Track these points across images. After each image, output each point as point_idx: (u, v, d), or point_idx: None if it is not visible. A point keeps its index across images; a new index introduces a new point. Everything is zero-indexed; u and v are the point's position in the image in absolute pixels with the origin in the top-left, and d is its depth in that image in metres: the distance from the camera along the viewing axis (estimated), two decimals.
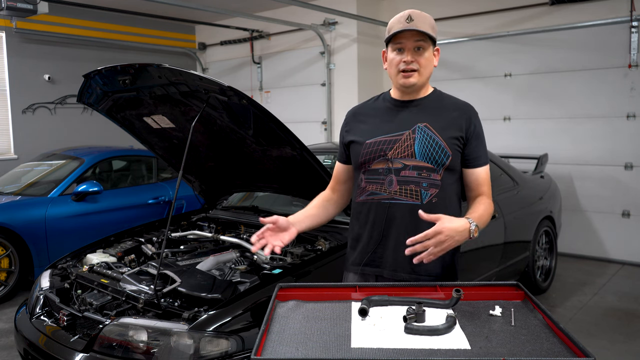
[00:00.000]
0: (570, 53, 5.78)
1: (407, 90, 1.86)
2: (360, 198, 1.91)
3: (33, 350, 2.54)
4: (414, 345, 1.30)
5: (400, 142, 1.82)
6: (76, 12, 7.41)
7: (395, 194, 1.81)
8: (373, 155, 1.85)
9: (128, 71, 2.69)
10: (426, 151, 1.79)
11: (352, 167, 1.99)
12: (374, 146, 1.85)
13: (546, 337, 1.32)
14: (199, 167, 3.45)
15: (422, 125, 1.82)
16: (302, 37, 7.74)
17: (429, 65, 1.83)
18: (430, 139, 1.80)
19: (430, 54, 1.82)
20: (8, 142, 7.27)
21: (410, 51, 1.80)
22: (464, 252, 3.37)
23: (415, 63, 1.80)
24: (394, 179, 1.81)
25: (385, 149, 1.83)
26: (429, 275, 1.82)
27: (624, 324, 4.00)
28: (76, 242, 3.99)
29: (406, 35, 1.78)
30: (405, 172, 1.81)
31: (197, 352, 2.12)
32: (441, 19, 6.69)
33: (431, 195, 1.80)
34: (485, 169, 1.89)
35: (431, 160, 1.79)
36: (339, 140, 2.06)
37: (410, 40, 1.79)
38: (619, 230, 5.68)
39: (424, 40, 1.79)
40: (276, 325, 1.42)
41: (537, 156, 5.31)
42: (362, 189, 1.89)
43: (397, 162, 1.81)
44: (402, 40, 1.80)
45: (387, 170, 1.82)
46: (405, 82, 1.82)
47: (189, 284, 2.51)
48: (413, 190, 1.80)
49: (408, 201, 1.80)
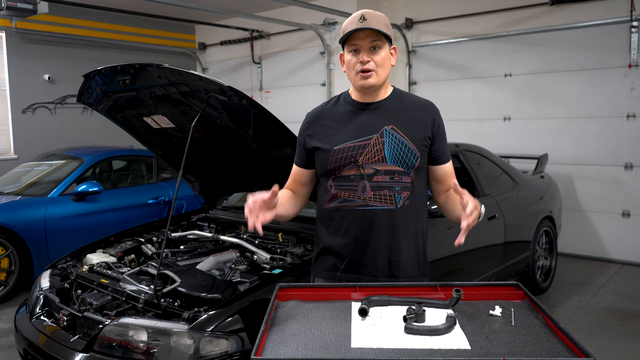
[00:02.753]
0: (570, 53, 5.78)
1: (367, 91, 1.83)
2: (331, 205, 1.87)
3: (33, 350, 2.54)
4: (414, 345, 1.30)
5: (370, 147, 1.80)
6: (76, 12, 7.41)
7: (370, 200, 1.80)
8: (343, 162, 1.81)
9: (128, 71, 2.69)
10: (396, 154, 1.78)
11: (314, 172, 1.94)
12: (343, 152, 1.81)
13: (546, 337, 1.32)
14: (199, 167, 3.45)
15: (389, 128, 1.80)
16: (302, 37, 7.74)
17: (386, 64, 1.81)
18: (399, 142, 1.79)
19: (386, 52, 1.80)
20: (8, 142, 7.27)
21: (366, 51, 1.77)
22: (465, 252, 3.40)
23: (371, 63, 1.77)
24: (367, 185, 1.79)
25: (355, 154, 1.80)
26: (408, 277, 1.83)
27: (624, 324, 4.00)
28: (76, 242, 3.99)
29: (360, 35, 1.76)
30: (378, 177, 1.79)
31: (197, 352, 2.12)
32: (441, 19, 6.69)
33: (404, 198, 1.80)
34: (451, 164, 1.92)
35: (402, 163, 1.78)
36: (297, 142, 1.99)
37: (365, 41, 1.76)
38: (619, 230, 5.68)
39: (379, 40, 1.77)
40: (276, 325, 1.42)
41: (537, 156, 5.31)
42: (333, 195, 1.85)
43: (368, 167, 1.79)
44: (356, 41, 1.77)
45: (359, 176, 1.80)
46: (364, 84, 1.79)
47: (189, 284, 2.51)
48: (387, 195, 1.79)
49: (383, 206, 1.79)
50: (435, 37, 6.72)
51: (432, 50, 6.87)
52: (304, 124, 1.95)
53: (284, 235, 3.06)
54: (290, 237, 3.05)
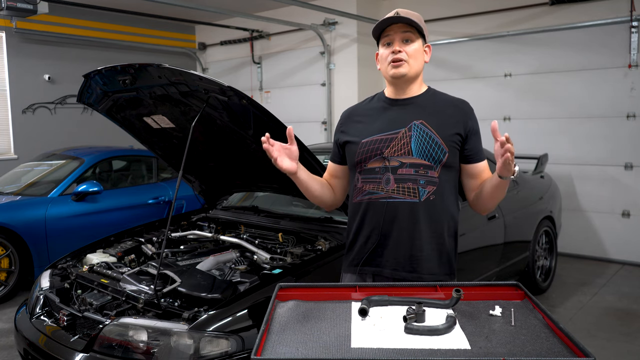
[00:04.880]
0: (570, 53, 5.78)
1: (398, 83, 1.85)
2: (357, 198, 1.90)
3: (33, 350, 2.54)
4: (414, 345, 1.30)
5: (397, 140, 1.81)
6: (76, 12, 7.41)
7: (393, 193, 1.81)
8: (369, 154, 1.84)
9: (128, 71, 2.69)
10: (423, 148, 1.79)
11: (347, 167, 1.98)
12: (370, 145, 1.84)
13: (546, 337, 1.32)
14: (199, 167, 3.45)
15: (418, 123, 1.81)
16: (302, 37, 7.74)
17: (418, 56, 1.85)
18: (426, 136, 1.79)
19: (419, 46, 1.85)
20: (8, 142, 7.27)
21: (399, 42, 1.82)
22: (465, 252, 3.40)
23: (403, 53, 1.81)
24: (391, 177, 1.81)
25: (382, 147, 1.82)
26: (430, 274, 1.82)
27: (624, 324, 4.00)
28: (76, 242, 3.99)
29: (393, 28, 1.82)
30: (402, 170, 1.80)
31: (197, 352, 2.12)
32: (441, 19, 6.69)
33: (429, 193, 1.79)
34: (485, 162, 1.90)
35: (428, 157, 1.79)
36: (333, 140, 2.05)
37: (398, 33, 1.82)
38: (619, 230, 5.68)
39: (412, 32, 1.82)
40: (276, 325, 1.42)
41: (537, 156, 5.30)
42: (359, 189, 1.88)
43: (394, 160, 1.80)
44: (389, 33, 1.83)
45: (384, 168, 1.81)
46: (395, 73, 1.82)
47: (189, 284, 2.51)
48: (410, 188, 1.79)
49: (406, 199, 1.80)
50: (435, 37, 6.71)
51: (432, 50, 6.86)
52: (338, 123, 2.03)
53: (284, 235, 3.06)
54: (290, 237, 3.05)
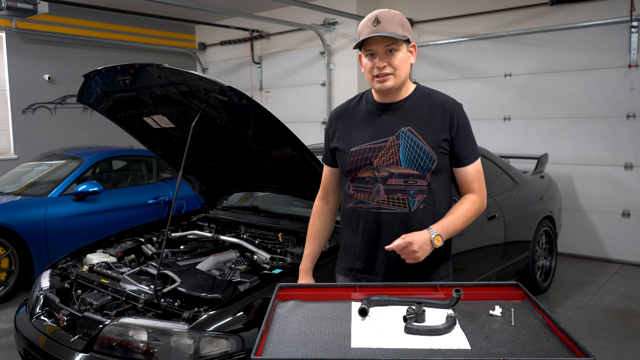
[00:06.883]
0: (570, 53, 5.77)
1: (386, 93, 1.81)
2: (349, 205, 1.89)
3: (33, 350, 2.54)
4: (414, 345, 1.30)
5: (385, 149, 1.79)
6: (76, 12, 7.41)
7: (384, 203, 1.79)
8: (359, 164, 1.82)
9: (128, 71, 2.69)
10: (411, 157, 1.76)
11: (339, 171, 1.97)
12: (359, 154, 1.82)
13: (546, 337, 1.32)
14: (199, 167, 3.45)
15: (405, 130, 1.78)
16: (302, 37, 7.74)
17: (404, 66, 1.77)
18: (414, 144, 1.76)
19: (403, 54, 1.76)
20: (8, 142, 7.27)
21: (382, 55, 1.74)
22: (465, 251, 3.40)
23: (388, 67, 1.74)
24: (381, 188, 1.79)
25: (371, 156, 1.80)
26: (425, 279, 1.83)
27: (624, 324, 3.99)
28: (76, 242, 3.99)
29: (375, 40, 1.72)
30: (392, 181, 1.78)
31: (197, 352, 2.12)
32: (441, 19, 6.69)
33: (419, 202, 1.78)
34: (474, 166, 1.83)
35: (416, 166, 1.76)
36: (324, 140, 2.02)
37: (381, 45, 1.73)
38: (619, 230, 5.68)
39: (395, 43, 1.73)
40: (276, 325, 1.42)
41: (537, 156, 5.31)
42: (350, 196, 1.87)
43: (383, 170, 1.78)
44: (371, 46, 1.74)
45: (374, 179, 1.80)
46: (382, 87, 1.77)
47: (189, 284, 2.51)
48: (400, 198, 1.78)
49: (396, 210, 1.79)
50: (436, 37, 6.72)
51: (432, 50, 6.87)
52: (327, 124, 2.00)
53: (284, 235, 3.06)
54: (290, 237, 3.05)
